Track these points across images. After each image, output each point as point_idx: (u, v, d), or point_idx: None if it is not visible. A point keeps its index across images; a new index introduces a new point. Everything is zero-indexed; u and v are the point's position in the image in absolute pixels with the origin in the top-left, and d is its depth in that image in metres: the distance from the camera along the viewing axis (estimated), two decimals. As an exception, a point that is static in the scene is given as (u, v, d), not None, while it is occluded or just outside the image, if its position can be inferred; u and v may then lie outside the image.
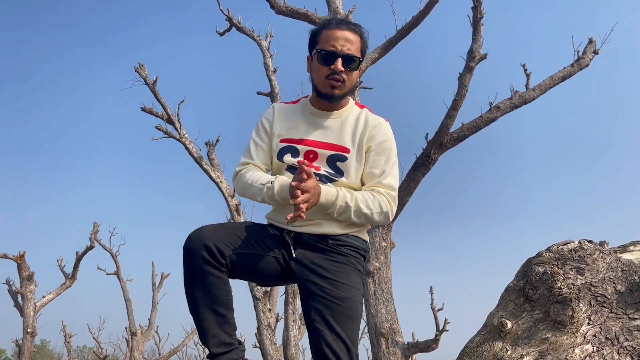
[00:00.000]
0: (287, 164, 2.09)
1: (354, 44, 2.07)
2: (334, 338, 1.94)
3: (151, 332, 16.64)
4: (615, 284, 1.87)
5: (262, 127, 2.19)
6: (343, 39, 2.05)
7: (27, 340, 11.07)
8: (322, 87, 2.08)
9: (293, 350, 8.51)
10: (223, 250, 1.92)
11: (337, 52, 2.04)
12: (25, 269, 11.19)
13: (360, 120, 2.12)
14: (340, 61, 2.03)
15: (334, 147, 2.08)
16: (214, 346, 1.92)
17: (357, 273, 2.06)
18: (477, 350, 1.86)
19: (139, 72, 8.82)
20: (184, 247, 1.93)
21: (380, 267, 6.12)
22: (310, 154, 2.08)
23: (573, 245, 1.91)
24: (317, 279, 2.00)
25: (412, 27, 6.95)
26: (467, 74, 6.07)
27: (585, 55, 6.62)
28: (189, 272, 1.93)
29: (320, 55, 2.06)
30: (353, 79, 2.09)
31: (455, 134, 6.20)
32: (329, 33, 2.08)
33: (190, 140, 8.81)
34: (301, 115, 2.17)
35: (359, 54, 2.09)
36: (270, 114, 2.20)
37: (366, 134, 2.08)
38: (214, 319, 1.92)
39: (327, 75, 2.05)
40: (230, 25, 8.80)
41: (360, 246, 2.10)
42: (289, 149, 2.10)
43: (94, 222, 13.05)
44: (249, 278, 2.12)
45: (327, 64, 2.05)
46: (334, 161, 2.07)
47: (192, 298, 1.93)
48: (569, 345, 1.77)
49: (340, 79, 2.04)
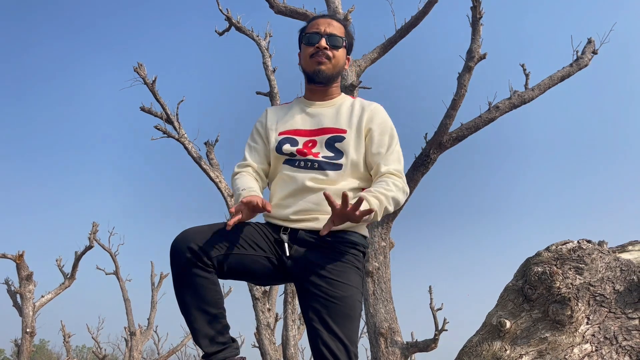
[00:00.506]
0: (286, 153, 2.11)
1: (337, 28, 2.18)
2: (332, 337, 1.91)
3: (150, 332, 16.63)
4: (614, 283, 1.87)
5: (255, 130, 2.26)
6: (326, 23, 2.18)
7: (26, 340, 11.06)
8: (308, 66, 2.17)
9: (292, 350, 8.51)
10: (208, 251, 1.89)
11: (320, 32, 2.15)
12: (24, 268, 11.19)
13: (356, 105, 2.17)
14: (324, 40, 2.14)
15: (331, 130, 2.12)
16: (207, 345, 1.91)
17: (355, 271, 2.01)
18: (476, 350, 1.86)
19: (138, 72, 8.81)
20: (170, 250, 1.92)
21: (380, 267, 6.12)
22: (310, 142, 2.11)
23: (572, 245, 1.92)
24: (314, 278, 1.96)
25: (411, 27, 6.96)
26: (466, 73, 6.08)
27: (584, 55, 6.63)
28: (176, 274, 1.93)
29: (305, 38, 2.18)
30: (339, 58, 2.17)
31: (455, 134, 6.20)
32: (312, 22, 2.21)
33: (190, 140, 8.80)
34: (295, 109, 2.23)
35: (343, 36, 2.18)
36: (263, 117, 2.28)
37: (364, 117, 2.12)
38: (204, 319, 1.91)
39: (312, 55, 2.14)
40: (230, 25, 8.80)
41: (359, 242, 2.05)
42: (287, 140, 2.14)
43: (93, 222, 13.06)
44: (241, 278, 2.08)
45: (311, 44, 2.15)
46: (332, 143, 2.09)
47: (182, 300, 1.93)
48: (567, 344, 1.77)
49: (324, 55, 2.13)
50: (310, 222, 2.01)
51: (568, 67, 6.58)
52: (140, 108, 8.86)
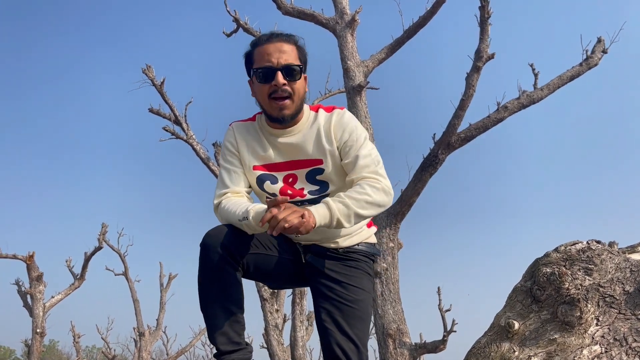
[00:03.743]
0: (269, 192, 2.05)
1: (289, 53, 1.97)
2: (345, 339, 1.97)
3: (159, 333, 16.69)
4: (624, 284, 1.85)
5: (228, 151, 2.09)
6: (277, 51, 1.96)
7: (36, 341, 11.14)
8: (270, 109, 1.99)
9: (300, 351, 8.51)
10: (241, 250, 1.91)
11: (273, 65, 1.94)
12: (35, 269, 11.26)
13: (320, 126, 2.03)
14: (280, 74, 1.94)
15: (307, 162, 2.02)
16: (222, 344, 1.91)
17: (367, 277, 2.11)
18: (484, 351, 1.85)
19: (147, 74, 8.85)
20: (202, 244, 1.91)
21: (388, 268, 6.11)
22: (289, 177, 2.05)
23: (581, 245, 1.90)
24: (329, 282, 2.04)
25: (419, 27, 6.93)
26: (475, 73, 6.05)
27: (594, 54, 6.58)
28: (205, 269, 1.90)
29: (258, 74, 1.97)
30: (299, 89, 1.98)
31: (463, 134, 6.17)
32: (261, 50, 1.99)
33: (198, 141, 8.83)
34: (261, 136, 2.08)
35: (299, 62, 1.99)
36: (232, 136, 2.10)
37: (332, 135, 2.01)
38: (225, 317, 1.91)
39: (270, 94, 1.96)
40: (237, 26, 8.80)
41: (370, 251, 2.14)
42: (266, 177, 2.05)
43: (102, 223, 13.09)
44: (262, 279, 2.13)
45: (267, 82, 1.95)
46: (314, 176, 2.03)
47: (206, 295, 1.92)
48: (576, 346, 1.75)
49: (285, 94, 1.95)
50: (324, 242, 2.07)
51: (577, 67, 6.53)
52: (149, 109, 8.91)
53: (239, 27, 8.86)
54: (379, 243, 6.10)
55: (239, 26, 8.83)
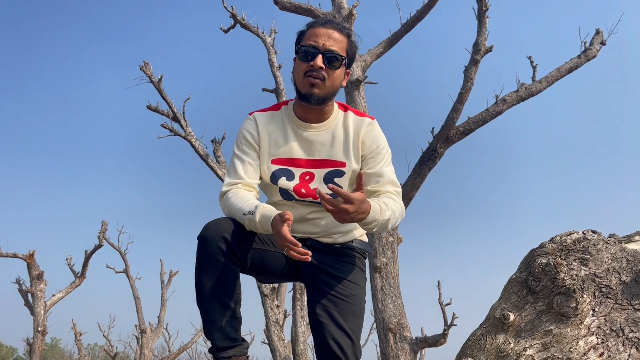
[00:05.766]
0: (282, 187, 2.02)
1: (338, 42, 1.96)
2: (341, 333, 1.97)
3: (161, 330, 16.71)
4: (620, 274, 1.84)
5: (246, 141, 2.05)
6: (326, 36, 1.95)
7: (37, 339, 11.16)
8: (301, 86, 1.97)
9: (301, 347, 8.51)
10: (240, 244, 1.88)
11: (318, 47, 1.94)
12: (35, 268, 11.28)
13: (350, 127, 2.03)
14: (321, 57, 1.93)
15: (329, 163, 2.02)
16: (220, 339, 1.88)
17: (361, 273, 2.13)
18: (480, 344, 1.84)
19: (144, 71, 8.83)
20: (200, 236, 1.87)
21: (388, 263, 6.09)
22: (306, 175, 2.02)
23: (577, 235, 1.88)
24: (324, 276, 2.04)
25: (417, 21, 6.91)
26: (473, 66, 6.04)
27: (592, 46, 6.56)
28: (203, 262, 1.87)
29: (301, 51, 1.96)
30: (335, 79, 1.97)
31: (462, 128, 6.16)
32: (312, 31, 1.98)
33: (196, 138, 8.81)
34: (286, 127, 2.05)
35: (344, 53, 1.98)
36: (252, 126, 2.06)
37: (359, 142, 2.02)
38: (223, 312, 1.88)
39: (306, 72, 1.94)
40: (235, 22, 8.79)
41: (363, 248, 2.17)
42: (283, 172, 2.02)
43: (102, 221, 13.11)
44: (258, 274, 2.10)
45: (306, 60, 1.94)
46: (331, 178, 2.02)
47: (203, 289, 1.87)
48: (572, 337, 1.74)
49: (319, 76, 1.93)
50: (316, 235, 2.08)
51: (576, 59, 6.51)
52: (147, 106, 8.89)
53: (236, 23, 8.84)
54: (378, 238, 6.10)
55: (236, 22, 8.81)
